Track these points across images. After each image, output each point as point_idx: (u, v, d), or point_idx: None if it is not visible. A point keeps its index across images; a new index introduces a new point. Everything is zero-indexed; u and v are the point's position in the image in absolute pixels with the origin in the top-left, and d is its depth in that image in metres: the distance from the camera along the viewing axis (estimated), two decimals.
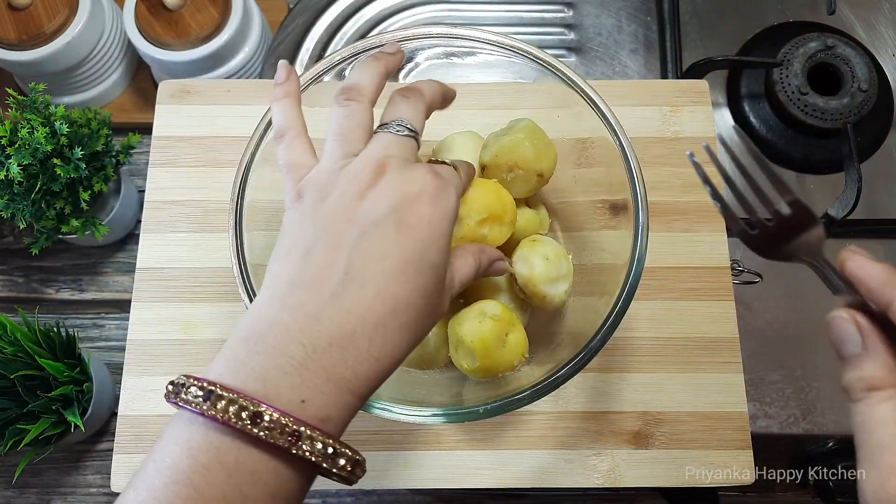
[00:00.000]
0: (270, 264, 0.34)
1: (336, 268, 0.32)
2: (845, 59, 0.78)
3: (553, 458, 0.57)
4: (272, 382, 0.30)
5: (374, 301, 0.32)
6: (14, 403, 0.67)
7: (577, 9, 0.86)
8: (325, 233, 0.33)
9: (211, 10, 0.80)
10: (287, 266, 0.33)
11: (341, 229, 0.33)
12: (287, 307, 0.32)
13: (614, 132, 0.50)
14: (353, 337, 0.31)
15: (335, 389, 0.31)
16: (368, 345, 0.31)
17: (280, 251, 0.34)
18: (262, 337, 0.31)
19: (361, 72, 0.41)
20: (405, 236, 0.33)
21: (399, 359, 0.33)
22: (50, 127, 0.69)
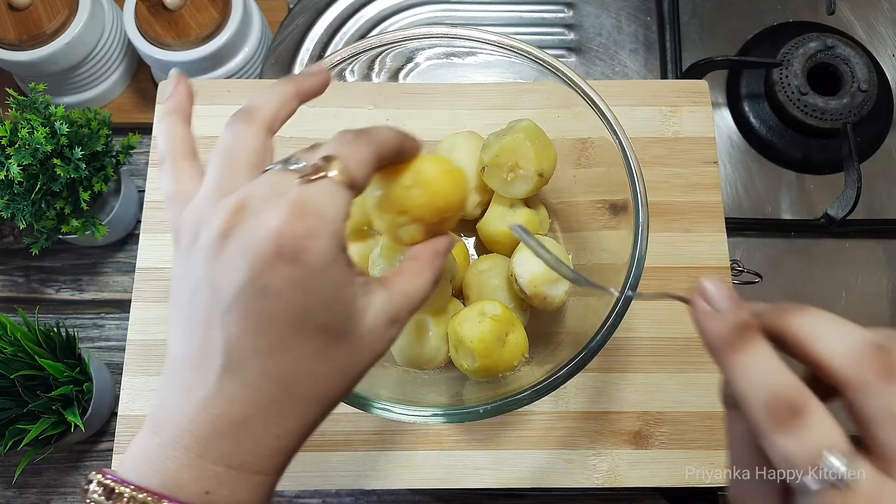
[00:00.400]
0: (168, 321, 0.31)
1: (214, 349, 0.28)
2: (845, 60, 0.78)
3: (553, 459, 0.57)
4: (172, 476, 0.28)
5: (259, 382, 0.28)
6: (14, 403, 0.67)
7: (577, 9, 0.86)
8: (196, 302, 0.29)
9: (211, 11, 0.80)
10: (177, 334, 0.30)
11: (208, 300, 0.29)
12: (181, 388, 0.29)
13: (614, 132, 0.50)
14: (246, 423, 0.28)
15: (240, 475, 0.28)
16: (265, 426, 0.29)
17: (171, 307, 0.31)
18: (159, 425, 0.29)
19: (262, 92, 0.35)
20: (275, 305, 0.28)
21: (308, 428, 0.30)
22: (50, 127, 0.69)
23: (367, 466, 0.57)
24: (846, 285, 0.74)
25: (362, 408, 0.45)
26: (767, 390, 0.26)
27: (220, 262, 0.28)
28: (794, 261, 0.75)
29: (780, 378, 0.26)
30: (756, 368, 0.27)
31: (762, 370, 0.26)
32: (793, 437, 0.25)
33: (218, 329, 0.28)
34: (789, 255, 0.75)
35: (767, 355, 0.27)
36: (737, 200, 0.77)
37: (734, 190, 0.78)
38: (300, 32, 0.83)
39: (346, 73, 0.54)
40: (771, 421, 0.25)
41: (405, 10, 0.86)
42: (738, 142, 0.80)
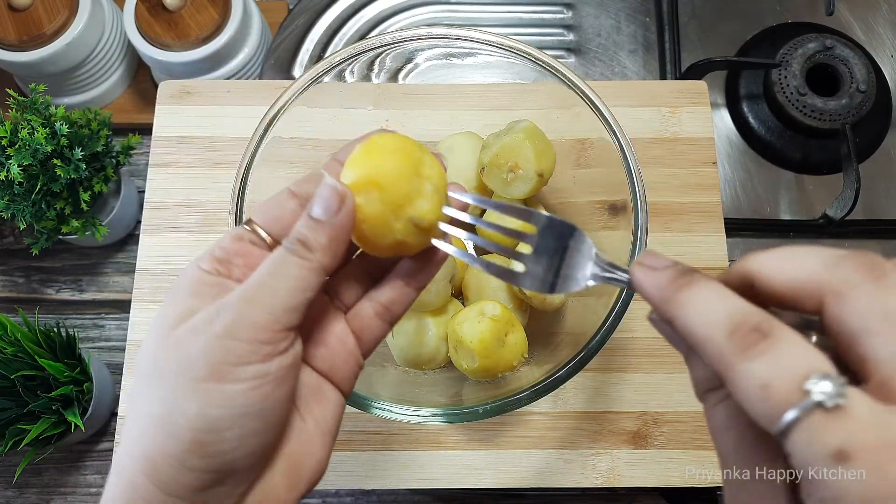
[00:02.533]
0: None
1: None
2: (844, 60, 0.78)
3: (552, 458, 0.57)
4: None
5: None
6: (14, 403, 0.67)
7: (577, 10, 0.86)
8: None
9: (211, 11, 0.80)
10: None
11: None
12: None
13: (613, 133, 0.50)
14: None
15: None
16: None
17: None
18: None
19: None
20: (139, 391, 0.28)
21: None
22: (50, 128, 0.69)
23: (366, 466, 0.57)
24: None
25: (362, 408, 0.45)
26: (726, 316, 0.22)
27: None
28: None
29: (736, 303, 0.23)
30: (707, 299, 0.23)
31: (714, 299, 0.23)
32: (765, 358, 0.21)
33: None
34: None
35: (717, 286, 0.24)
36: (736, 201, 0.78)
37: (733, 190, 0.78)
38: (300, 33, 0.84)
39: (346, 74, 0.54)
40: (736, 347, 0.22)
41: (405, 10, 0.86)
42: (737, 142, 0.80)
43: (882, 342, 0.21)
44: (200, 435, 0.26)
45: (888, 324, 0.21)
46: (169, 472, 0.26)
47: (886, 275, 0.22)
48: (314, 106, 0.54)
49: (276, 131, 0.51)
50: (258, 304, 0.27)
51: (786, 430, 0.20)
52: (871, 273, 0.22)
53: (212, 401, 0.26)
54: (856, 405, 0.20)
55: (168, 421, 0.26)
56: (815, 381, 0.20)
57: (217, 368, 0.26)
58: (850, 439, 0.19)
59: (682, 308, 0.24)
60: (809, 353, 0.21)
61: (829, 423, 0.20)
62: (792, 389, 0.20)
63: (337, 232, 0.29)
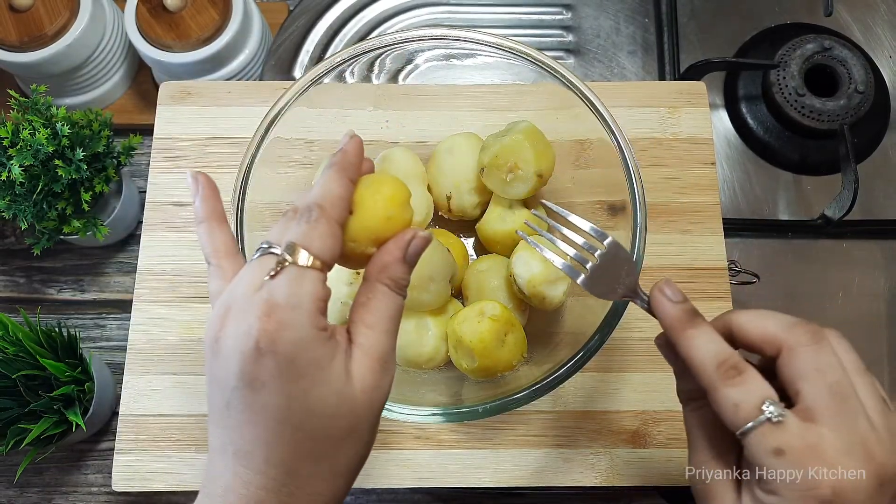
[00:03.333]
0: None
1: (226, 440, 0.32)
2: (842, 61, 0.79)
3: (551, 458, 0.58)
4: None
5: (266, 467, 0.31)
6: (16, 403, 0.67)
7: (576, 11, 0.86)
8: (210, 398, 0.33)
9: (211, 12, 0.80)
10: (209, 426, 0.33)
11: (215, 394, 0.32)
12: (210, 476, 0.32)
13: (612, 133, 0.51)
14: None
15: None
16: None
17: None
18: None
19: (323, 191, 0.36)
20: (264, 397, 0.31)
21: (331, 496, 0.33)
22: (51, 128, 0.70)
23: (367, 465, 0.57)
24: (843, 286, 0.75)
25: None
26: (715, 355, 0.34)
27: (218, 361, 0.31)
28: (792, 261, 0.76)
29: (723, 347, 0.35)
30: (705, 341, 0.35)
31: (710, 342, 0.35)
32: (739, 387, 0.33)
33: (221, 426, 0.32)
34: (786, 255, 0.76)
35: (712, 331, 0.35)
36: (734, 201, 0.78)
37: (732, 191, 0.78)
38: (300, 34, 0.84)
39: (346, 75, 0.55)
40: (721, 377, 0.33)
41: (405, 11, 0.86)
42: (736, 143, 0.81)
43: (811, 384, 0.33)
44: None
45: (817, 374, 0.33)
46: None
47: (824, 340, 0.33)
48: (315, 107, 0.54)
49: (276, 132, 0.52)
50: (394, 348, 0.36)
51: (746, 432, 0.32)
52: (814, 338, 0.33)
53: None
54: (790, 421, 0.32)
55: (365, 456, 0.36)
56: (768, 405, 0.32)
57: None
58: (785, 442, 0.31)
59: (688, 341, 0.36)
60: (765, 387, 0.33)
61: (773, 432, 0.32)
62: (753, 409, 0.32)
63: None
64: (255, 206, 0.50)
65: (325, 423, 0.32)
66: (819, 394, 0.32)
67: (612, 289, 0.41)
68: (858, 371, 0.33)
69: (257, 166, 0.50)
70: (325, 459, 0.32)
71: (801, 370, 0.33)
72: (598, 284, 0.42)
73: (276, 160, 0.53)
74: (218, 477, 0.32)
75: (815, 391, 0.32)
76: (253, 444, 0.31)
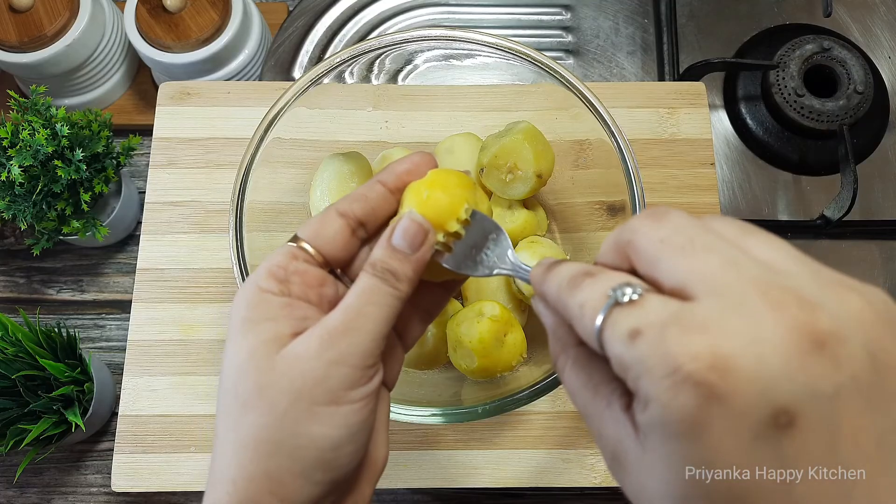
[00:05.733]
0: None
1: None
2: (841, 62, 0.79)
3: (551, 458, 0.58)
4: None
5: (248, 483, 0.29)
6: (15, 403, 0.67)
7: (575, 11, 0.86)
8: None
9: (211, 13, 0.80)
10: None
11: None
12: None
13: (612, 134, 0.51)
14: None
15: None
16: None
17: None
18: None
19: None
20: (246, 417, 0.29)
21: (233, 470, 0.30)
22: (51, 129, 0.70)
23: None
24: None
25: None
26: (568, 273, 0.27)
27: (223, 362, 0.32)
28: None
29: (580, 266, 0.27)
30: (561, 269, 0.28)
31: (565, 268, 0.28)
32: (586, 288, 0.25)
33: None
34: None
35: (571, 263, 0.28)
36: (734, 202, 0.78)
37: (731, 191, 0.78)
38: (300, 35, 0.84)
39: (346, 75, 0.55)
40: (569, 288, 0.26)
41: (404, 12, 0.86)
42: (735, 143, 0.81)
43: (665, 264, 0.24)
44: (324, 454, 0.29)
45: (663, 248, 0.24)
46: (294, 488, 0.29)
47: (663, 215, 0.25)
48: (314, 107, 0.54)
49: (276, 132, 0.52)
50: (363, 332, 0.30)
51: (599, 335, 0.24)
52: (652, 218, 0.25)
53: (333, 422, 0.29)
54: (648, 299, 0.23)
55: (290, 444, 0.29)
56: (617, 289, 0.24)
57: (335, 394, 0.29)
58: (640, 320, 0.23)
59: (547, 282, 0.28)
60: (620, 276, 0.25)
61: (624, 314, 0.23)
62: (599, 299, 0.24)
63: (419, 265, 0.32)
64: (254, 206, 0.50)
65: (233, 375, 0.30)
66: (674, 261, 0.24)
67: (483, 263, 0.35)
68: (716, 219, 0.25)
69: (257, 166, 0.51)
70: (230, 418, 0.30)
71: (646, 256, 0.25)
72: (466, 261, 0.35)
73: (275, 160, 0.53)
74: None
75: (670, 264, 0.24)
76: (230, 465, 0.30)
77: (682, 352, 0.21)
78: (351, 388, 0.29)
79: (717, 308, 0.22)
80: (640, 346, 0.22)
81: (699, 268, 0.23)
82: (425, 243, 0.32)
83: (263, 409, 0.29)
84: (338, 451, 0.29)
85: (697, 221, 0.25)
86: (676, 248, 0.24)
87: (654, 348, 0.22)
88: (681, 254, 0.23)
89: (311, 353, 0.29)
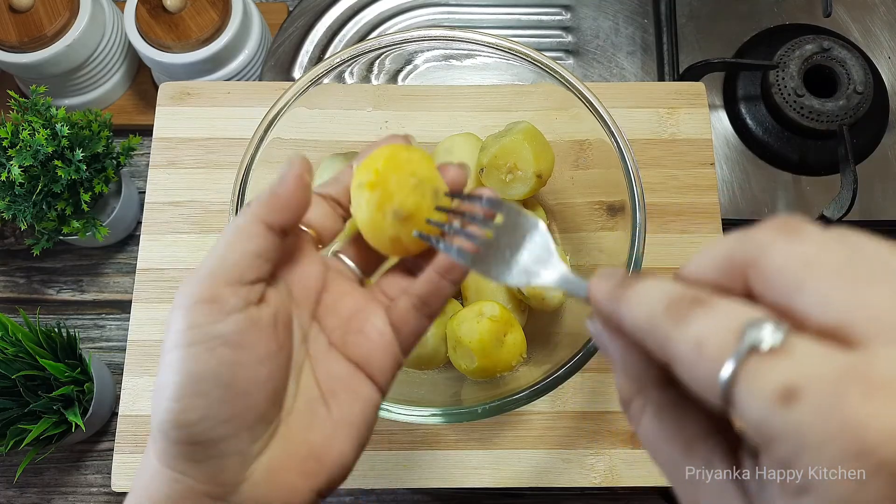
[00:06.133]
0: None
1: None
2: (841, 62, 0.79)
3: (551, 458, 0.58)
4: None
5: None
6: (15, 403, 0.67)
7: (575, 12, 0.86)
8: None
9: (211, 13, 0.80)
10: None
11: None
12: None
13: (612, 134, 0.51)
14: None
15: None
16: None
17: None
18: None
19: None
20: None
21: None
22: (51, 129, 0.70)
23: (366, 466, 0.57)
24: None
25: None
26: (664, 296, 0.21)
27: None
28: None
29: (678, 287, 0.21)
30: (647, 288, 0.22)
31: (653, 287, 0.22)
32: (700, 320, 0.19)
33: None
34: None
35: (660, 280, 0.22)
36: (733, 202, 0.78)
37: (731, 191, 0.78)
38: (300, 35, 0.84)
39: (346, 75, 0.55)
40: (672, 318, 0.20)
41: (404, 12, 0.86)
42: (735, 143, 0.81)
43: (810, 292, 0.18)
44: (172, 404, 0.27)
45: (810, 272, 0.19)
46: (159, 443, 0.27)
47: (801, 230, 0.20)
48: (314, 107, 0.54)
49: (276, 132, 0.52)
50: (205, 263, 0.28)
51: (727, 389, 0.18)
52: (785, 232, 0.20)
53: (177, 368, 0.27)
54: (798, 343, 0.18)
55: (156, 395, 0.27)
56: (751, 326, 0.18)
57: (177, 338, 0.27)
58: (797, 375, 0.17)
59: (626, 303, 0.22)
60: (747, 308, 0.19)
61: (770, 363, 0.17)
62: (727, 339, 0.18)
63: (280, 194, 0.30)
64: None
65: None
66: (828, 291, 0.18)
67: (518, 268, 0.30)
68: (862, 237, 0.20)
69: (257, 167, 0.51)
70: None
71: (783, 281, 0.19)
72: (499, 265, 0.30)
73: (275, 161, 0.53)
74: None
75: (820, 293, 0.18)
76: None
77: (871, 425, 0.15)
78: (193, 326, 0.27)
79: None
80: (801, 413, 0.16)
81: (868, 302, 0.18)
82: (289, 179, 0.30)
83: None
84: (181, 401, 0.27)
85: (843, 238, 0.20)
86: (830, 274, 0.18)
87: (823, 417, 0.16)
88: (837, 281, 0.18)
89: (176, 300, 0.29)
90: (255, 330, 0.28)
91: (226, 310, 0.27)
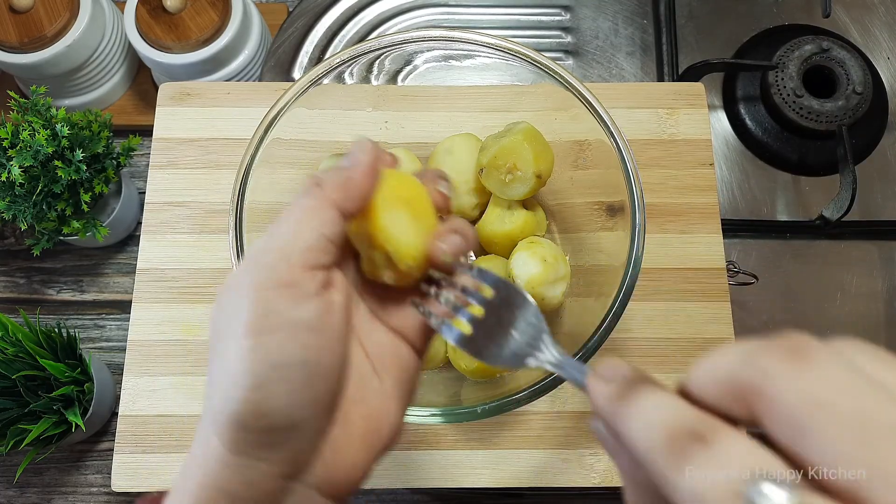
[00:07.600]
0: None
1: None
2: (840, 62, 0.79)
3: (550, 458, 0.58)
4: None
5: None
6: (16, 403, 0.67)
7: (575, 12, 0.86)
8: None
9: (211, 14, 0.80)
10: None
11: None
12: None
13: (611, 134, 0.51)
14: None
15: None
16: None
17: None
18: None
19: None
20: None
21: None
22: (51, 129, 0.70)
23: None
24: (841, 286, 0.75)
25: None
26: (663, 423, 0.20)
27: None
28: (790, 262, 0.76)
29: (678, 410, 0.20)
30: (647, 409, 0.21)
31: (656, 408, 0.21)
32: (703, 466, 0.18)
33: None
34: (785, 256, 0.76)
35: (661, 395, 0.21)
36: (733, 202, 0.78)
37: (730, 192, 0.78)
38: (299, 35, 0.84)
39: (346, 76, 0.55)
40: (673, 457, 0.19)
41: (404, 13, 0.86)
42: (734, 144, 0.81)
43: (825, 444, 0.17)
44: (249, 394, 0.26)
45: (819, 418, 0.17)
46: (231, 433, 0.27)
47: (811, 357, 0.18)
48: (314, 107, 0.54)
49: (275, 133, 0.52)
50: (269, 244, 0.27)
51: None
52: (791, 358, 0.18)
53: (253, 356, 0.26)
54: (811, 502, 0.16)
55: (223, 385, 0.27)
56: (754, 484, 0.17)
57: (253, 325, 0.26)
58: None
59: (625, 421, 0.21)
60: (752, 453, 0.18)
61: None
62: (725, 496, 0.17)
63: (356, 180, 0.29)
64: (254, 206, 0.50)
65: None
66: (841, 444, 0.17)
67: (510, 347, 0.28)
68: (878, 360, 0.19)
69: (257, 167, 0.51)
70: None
71: (792, 423, 0.18)
72: (489, 346, 0.29)
73: (275, 161, 0.53)
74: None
75: (832, 444, 0.17)
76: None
77: None
78: (269, 312, 0.26)
79: None
80: None
81: (883, 458, 0.16)
82: (364, 159, 0.29)
83: (215, 347, 0.28)
84: (262, 390, 0.26)
85: (854, 369, 0.18)
86: (844, 423, 0.17)
87: None
88: (853, 433, 0.16)
89: (236, 285, 0.28)
90: (331, 313, 0.28)
91: (305, 294, 0.27)
